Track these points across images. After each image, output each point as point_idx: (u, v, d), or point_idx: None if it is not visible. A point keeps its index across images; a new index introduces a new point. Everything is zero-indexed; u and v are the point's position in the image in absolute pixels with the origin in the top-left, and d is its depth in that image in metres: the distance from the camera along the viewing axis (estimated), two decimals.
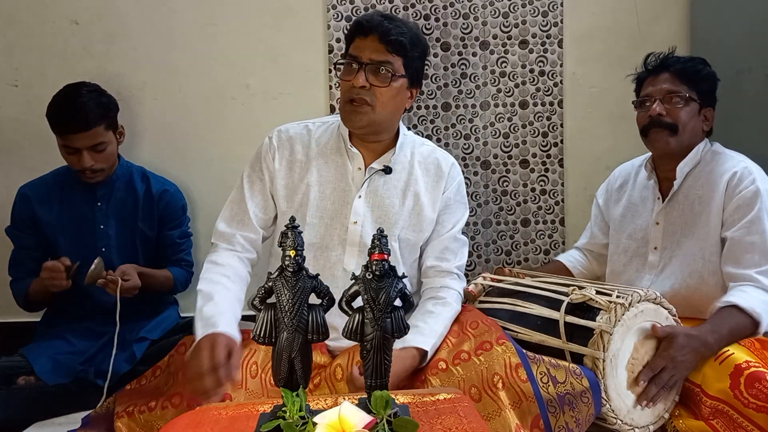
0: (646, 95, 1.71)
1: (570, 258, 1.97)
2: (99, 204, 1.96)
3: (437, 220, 1.62)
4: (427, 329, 1.46)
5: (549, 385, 1.30)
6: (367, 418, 0.93)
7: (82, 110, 1.83)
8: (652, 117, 1.67)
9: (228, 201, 1.61)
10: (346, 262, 1.54)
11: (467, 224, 2.33)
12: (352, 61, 1.50)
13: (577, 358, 1.40)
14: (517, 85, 2.29)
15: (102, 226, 1.96)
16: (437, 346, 1.45)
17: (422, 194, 1.60)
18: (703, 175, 1.67)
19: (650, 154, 1.78)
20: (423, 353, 1.41)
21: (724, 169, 1.63)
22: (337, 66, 1.57)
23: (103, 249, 1.94)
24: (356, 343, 1.04)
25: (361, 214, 1.55)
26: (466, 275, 2.33)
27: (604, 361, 1.36)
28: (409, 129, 2.27)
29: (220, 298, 1.43)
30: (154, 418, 1.35)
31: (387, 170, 1.58)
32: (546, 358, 1.35)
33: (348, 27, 1.60)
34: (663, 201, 1.73)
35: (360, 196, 1.56)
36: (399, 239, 1.58)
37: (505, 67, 2.28)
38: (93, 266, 1.76)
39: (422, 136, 2.26)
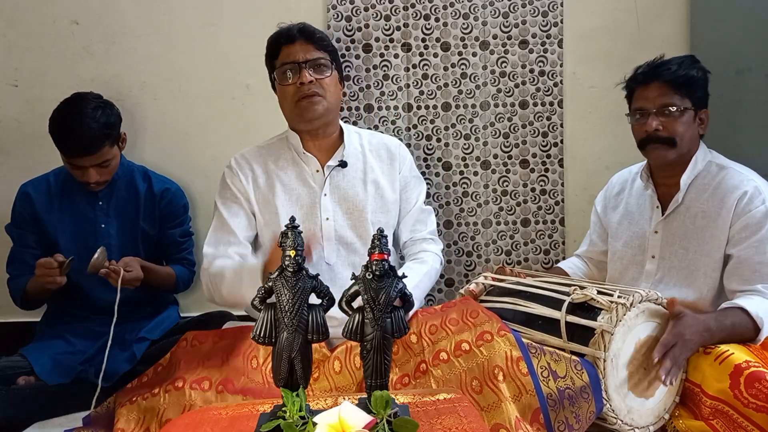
0: (639, 108, 1.68)
1: (570, 265, 1.98)
2: (100, 203, 1.96)
3: (400, 198, 1.78)
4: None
5: (549, 380, 1.31)
6: (367, 418, 0.93)
7: (86, 133, 1.80)
8: (648, 132, 1.64)
9: (210, 231, 1.72)
10: (327, 257, 1.67)
11: (467, 224, 2.33)
12: (290, 65, 1.65)
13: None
14: (517, 85, 2.29)
15: (103, 225, 1.96)
16: (418, 297, 1.65)
17: (380, 178, 1.75)
18: (708, 189, 1.65)
19: (647, 161, 1.77)
20: None
21: (733, 186, 1.61)
22: (274, 77, 1.70)
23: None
24: None
25: (331, 210, 1.69)
26: (466, 275, 2.35)
27: (605, 361, 1.36)
28: (408, 129, 2.30)
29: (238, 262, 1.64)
30: (156, 402, 1.36)
31: (343, 164, 1.71)
32: (548, 350, 1.36)
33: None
34: (663, 210, 1.73)
35: (325, 194, 1.70)
36: (371, 223, 1.71)
37: (505, 67, 2.28)
38: (96, 255, 1.75)
39: (422, 137, 2.28)
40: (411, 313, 1.53)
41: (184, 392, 1.35)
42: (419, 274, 1.68)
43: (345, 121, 1.95)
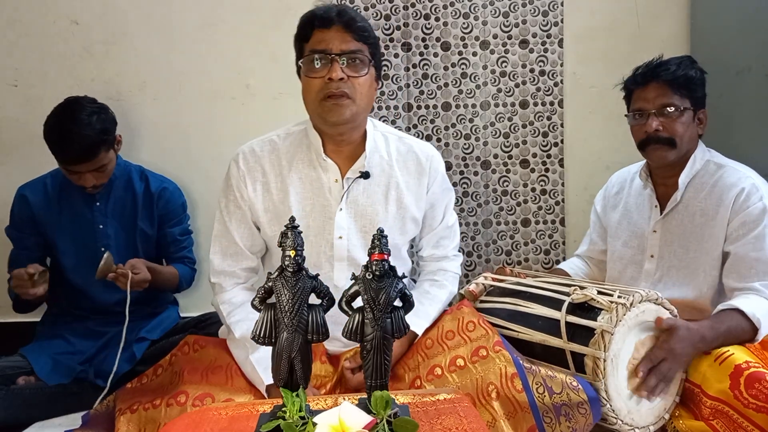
0: (639, 109, 1.67)
1: (571, 265, 1.98)
2: (98, 204, 1.96)
3: (426, 215, 1.60)
4: (422, 311, 1.51)
5: (545, 396, 1.29)
6: (367, 419, 0.93)
7: (83, 141, 1.77)
8: (648, 133, 1.64)
9: (214, 236, 1.57)
10: (336, 278, 1.50)
11: (468, 224, 2.33)
12: (320, 55, 1.41)
13: (578, 358, 1.40)
14: (517, 85, 2.29)
15: (101, 226, 1.95)
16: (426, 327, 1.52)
17: (405, 195, 1.54)
18: (706, 188, 1.65)
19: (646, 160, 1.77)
20: (413, 335, 1.48)
21: (731, 183, 1.61)
22: (300, 65, 1.46)
23: (102, 249, 1.93)
24: (356, 346, 1.03)
25: (345, 228, 1.50)
26: (466, 275, 2.35)
27: (605, 361, 1.35)
28: (408, 129, 2.30)
29: None
30: (158, 415, 1.35)
31: (365, 176, 1.51)
32: (542, 370, 1.33)
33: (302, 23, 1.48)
34: (661, 209, 1.73)
35: (341, 209, 1.50)
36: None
37: (506, 66, 2.28)
38: (102, 261, 1.74)
39: (422, 136, 2.28)
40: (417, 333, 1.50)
41: (186, 409, 1.33)
42: (439, 303, 1.57)
43: None
